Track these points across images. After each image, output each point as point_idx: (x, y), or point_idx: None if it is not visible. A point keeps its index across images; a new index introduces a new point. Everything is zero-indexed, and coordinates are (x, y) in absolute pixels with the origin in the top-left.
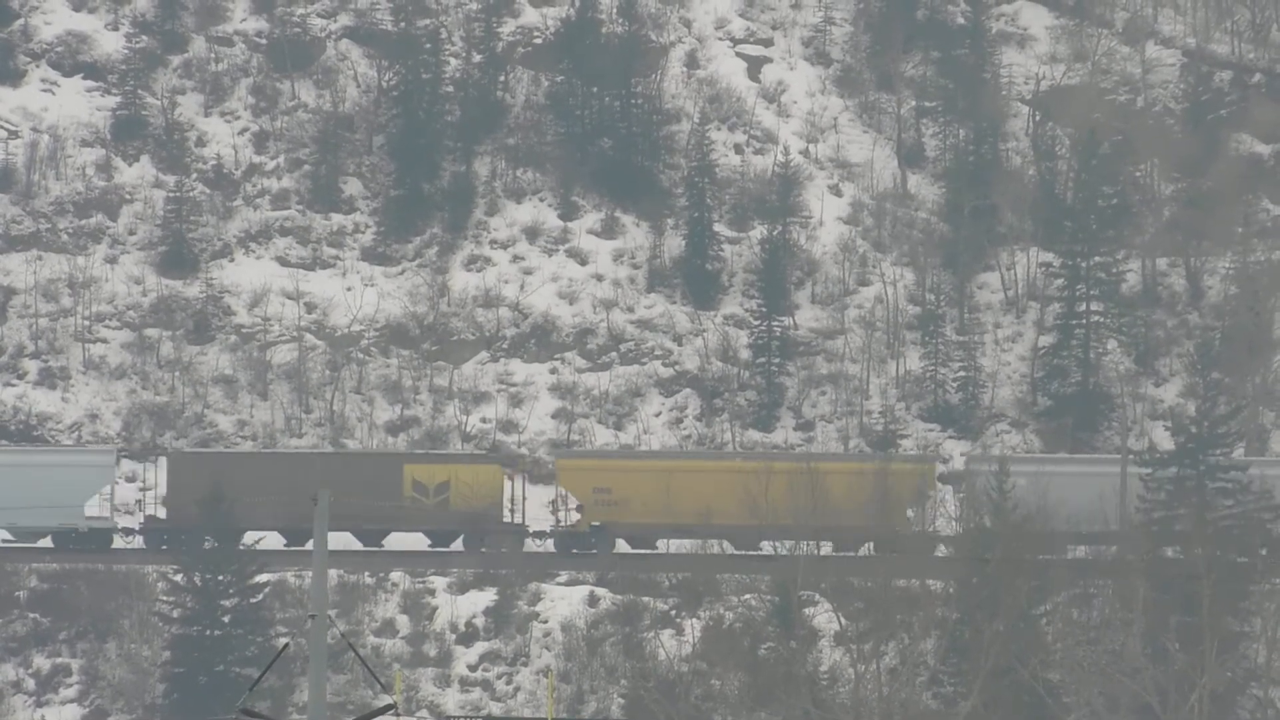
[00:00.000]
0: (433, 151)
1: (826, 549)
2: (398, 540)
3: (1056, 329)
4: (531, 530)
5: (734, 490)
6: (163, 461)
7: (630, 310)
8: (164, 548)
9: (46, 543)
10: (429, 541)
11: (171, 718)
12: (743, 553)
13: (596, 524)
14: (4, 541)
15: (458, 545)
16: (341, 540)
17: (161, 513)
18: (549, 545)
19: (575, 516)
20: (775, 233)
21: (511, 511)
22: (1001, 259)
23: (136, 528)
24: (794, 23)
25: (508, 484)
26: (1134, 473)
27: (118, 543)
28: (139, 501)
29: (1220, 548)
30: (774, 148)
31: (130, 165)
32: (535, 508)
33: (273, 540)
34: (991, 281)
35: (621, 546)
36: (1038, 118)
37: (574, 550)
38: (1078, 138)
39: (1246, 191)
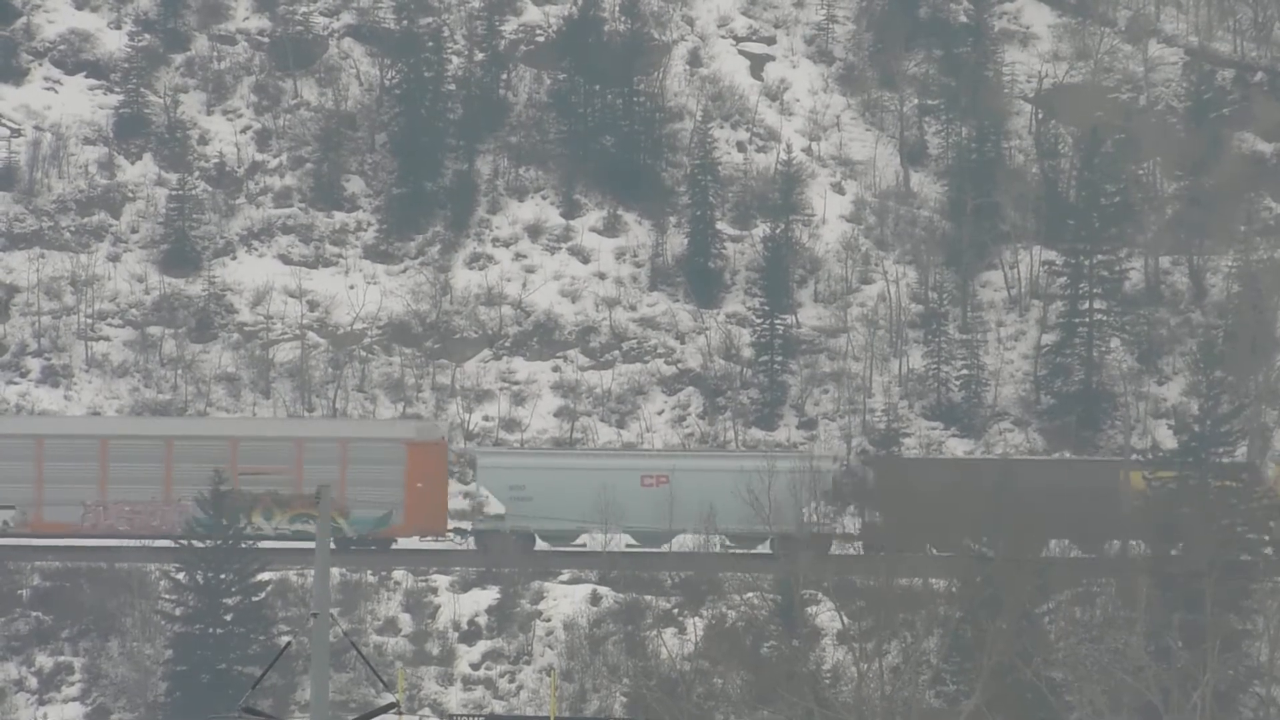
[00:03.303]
0: (435, 149)
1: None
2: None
3: (1059, 327)
4: None
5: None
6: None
7: (633, 308)
8: None
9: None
10: None
11: (174, 716)
12: (743, 551)
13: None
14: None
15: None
16: None
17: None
18: None
19: None
20: (778, 231)
21: None
22: (1004, 257)
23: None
24: (796, 21)
25: None
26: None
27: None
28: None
29: (1222, 546)
30: (777, 146)
31: (133, 163)
32: None
33: None
34: (994, 280)
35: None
36: (1040, 116)
37: None
38: (1080, 136)
39: (1249, 190)
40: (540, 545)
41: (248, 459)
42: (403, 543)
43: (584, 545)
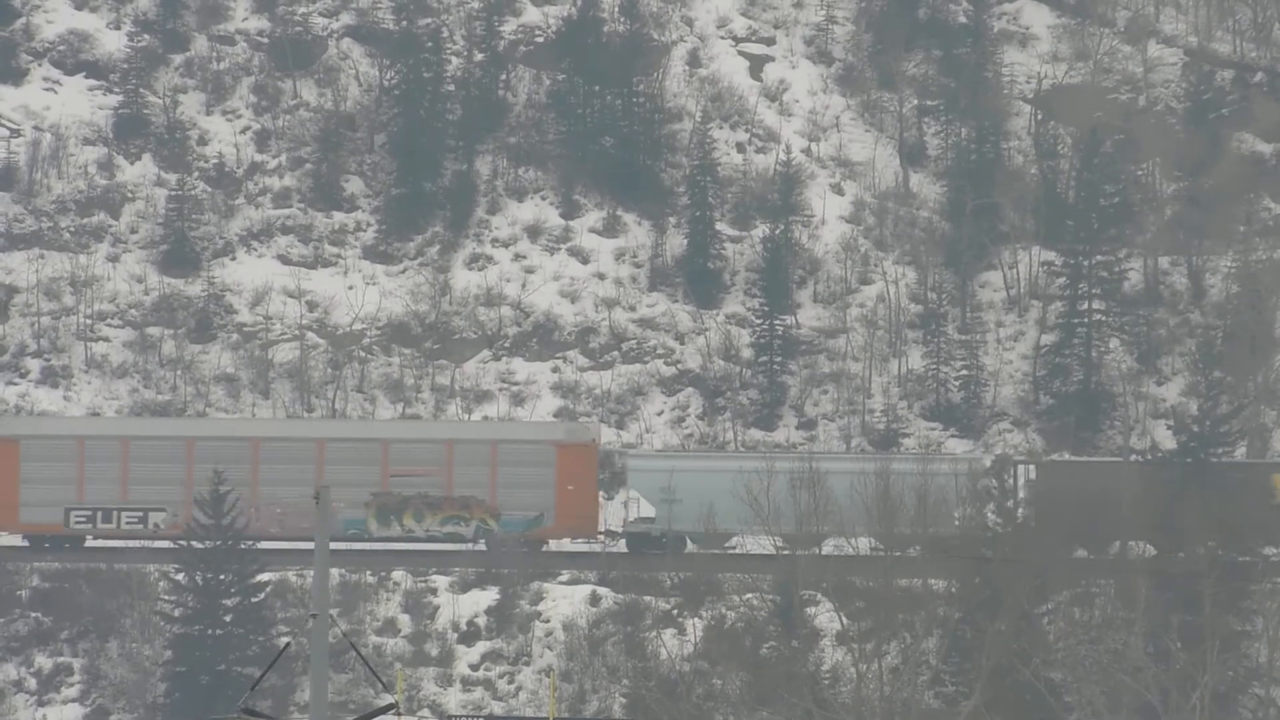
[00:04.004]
0: (434, 150)
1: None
2: None
3: (1058, 328)
4: None
5: None
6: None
7: (632, 309)
8: None
9: None
10: None
11: (173, 717)
12: (745, 552)
13: None
14: None
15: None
16: None
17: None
18: None
19: None
20: (777, 231)
21: None
22: (1003, 258)
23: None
24: (796, 21)
25: None
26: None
27: None
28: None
29: (1221, 546)
30: (776, 146)
31: (132, 164)
32: None
33: None
34: (993, 280)
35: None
36: (1039, 116)
37: None
38: (1079, 136)
39: (1248, 190)
40: (690, 548)
41: (399, 461)
42: (554, 545)
43: (735, 548)
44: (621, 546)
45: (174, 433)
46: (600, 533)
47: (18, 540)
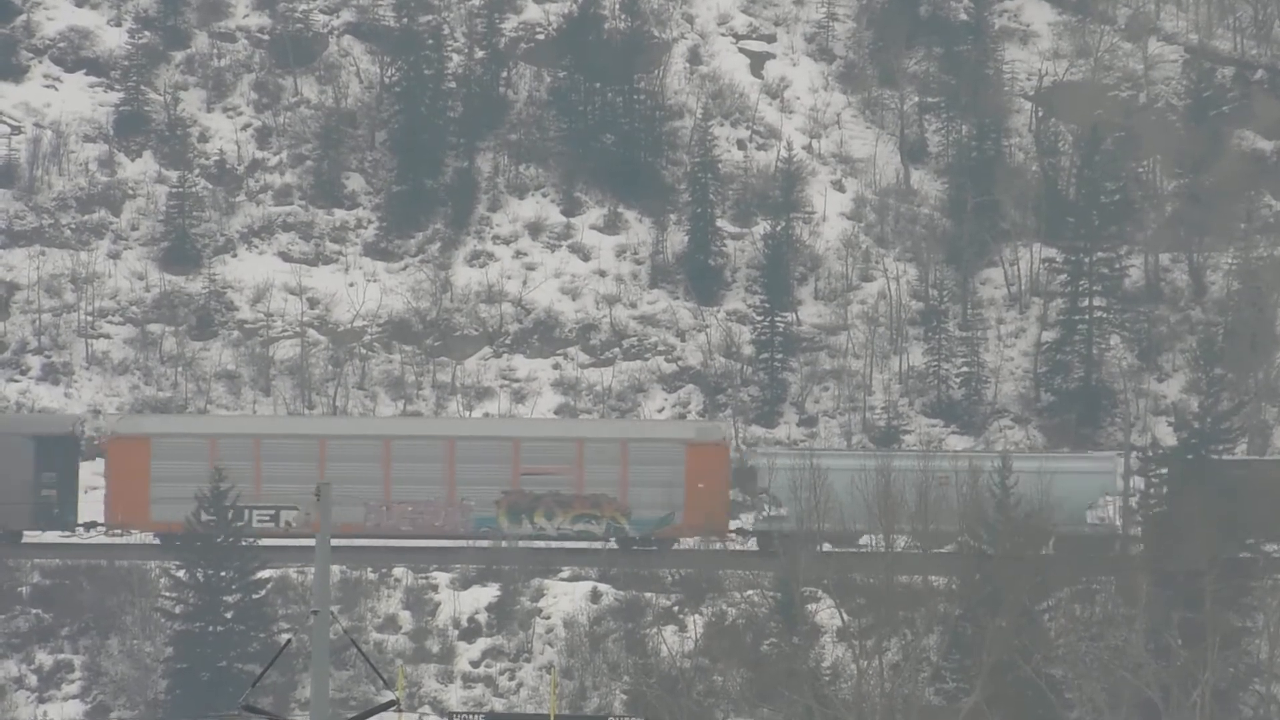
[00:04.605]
0: (435, 147)
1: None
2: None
3: (1059, 325)
4: None
5: None
6: None
7: (633, 306)
8: None
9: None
10: None
11: (174, 714)
12: (745, 549)
13: None
14: None
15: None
16: None
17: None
18: None
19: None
20: (778, 228)
21: None
22: (1004, 255)
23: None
24: (797, 19)
25: None
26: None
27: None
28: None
29: (1222, 544)
30: (777, 143)
31: (133, 161)
32: None
33: None
34: (994, 277)
35: None
36: (1040, 114)
37: None
38: (1080, 134)
39: (1249, 187)
40: (825, 546)
41: (530, 459)
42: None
43: (867, 546)
44: (753, 545)
45: (306, 431)
46: (731, 532)
47: (149, 538)
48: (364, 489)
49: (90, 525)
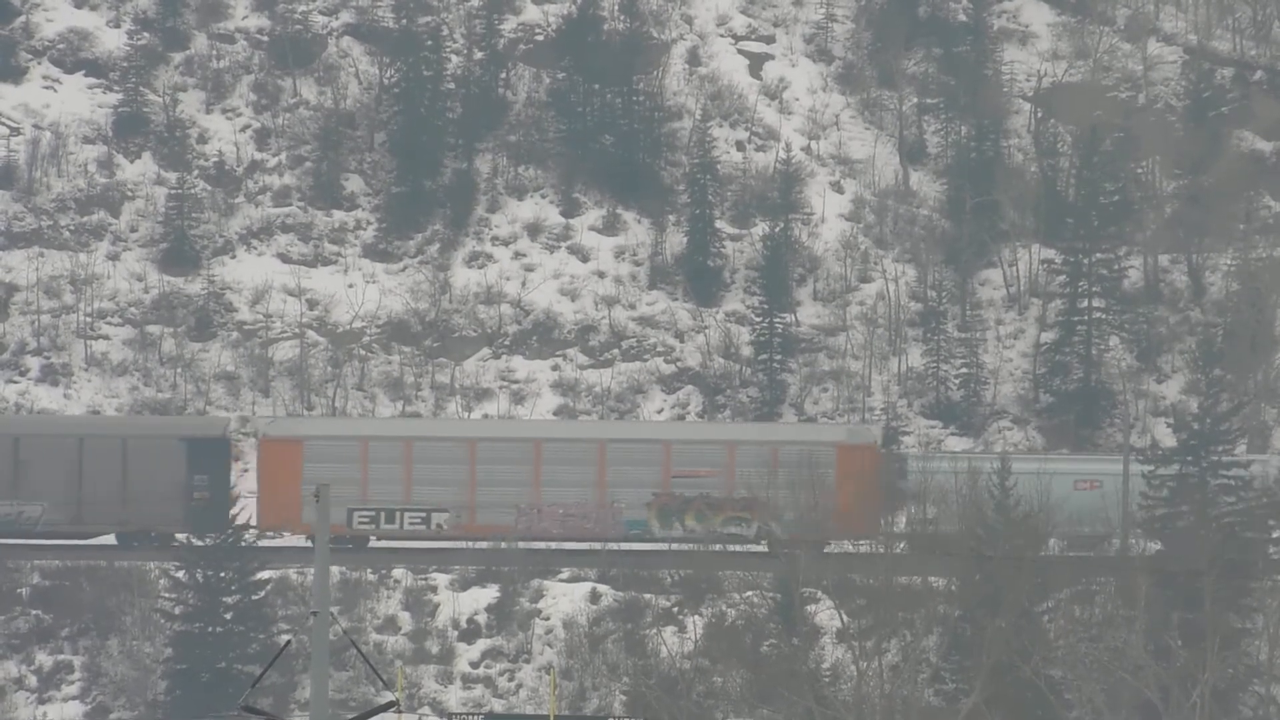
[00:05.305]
0: (434, 148)
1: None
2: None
3: (1058, 326)
4: None
5: None
6: None
7: (632, 307)
8: None
9: None
10: None
11: (173, 714)
12: (745, 548)
13: None
14: None
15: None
16: None
17: None
18: None
19: None
20: (777, 229)
21: None
22: (1003, 255)
23: None
24: (795, 19)
25: None
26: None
27: None
28: None
29: (1222, 544)
30: (776, 144)
31: (132, 162)
32: None
33: None
34: (993, 278)
35: None
36: (1039, 114)
37: None
38: (1079, 134)
39: (1248, 188)
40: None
41: (681, 462)
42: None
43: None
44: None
45: (456, 434)
46: (882, 534)
47: (300, 540)
48: (514, 492)
49: (243, 528)
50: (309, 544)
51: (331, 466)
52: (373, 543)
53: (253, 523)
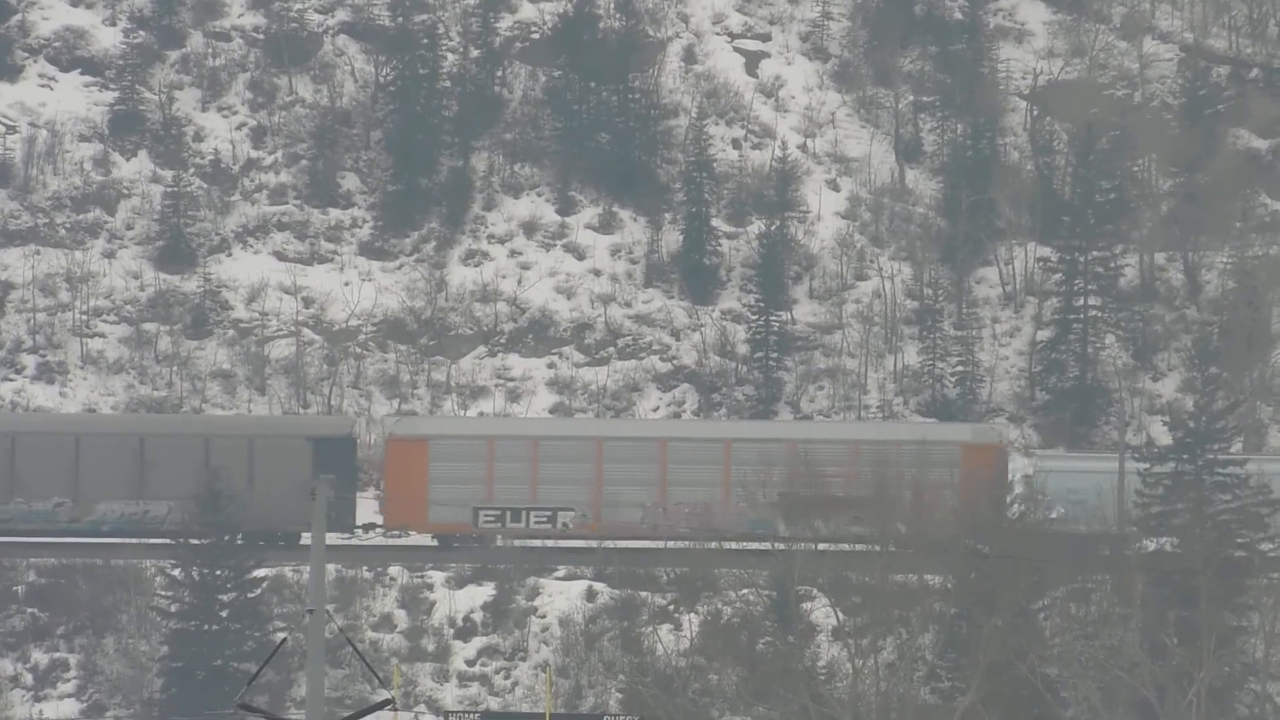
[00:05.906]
0: (430, 146)
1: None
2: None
3: (1054, 323)
4: None
5: None
6: None
7: (628, 305)
8: None
9: None
10: None
11: (169, 712)
12: (741, 547)
13: None
14: None
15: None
16: None
17: None
18: None
19: None
20: (773, 227)
21: None
22: (999, 254)
23: None
24: (792, 18)
25: None
26: (1132, 468)
27: None
28: None
29: (1218, 543)
30: (772, 143)
31: (128, 160)
32: None
33: None
34: (989, 276)
35: None
36: (1035, 113)
37: None
38: (1075, 133)
39: (1244, 186)
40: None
41: (805, 461)
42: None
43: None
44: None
45: (584, 433)
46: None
47: (426, 540)
48: (640, 491)
49: (369, 527)
50: (434, 544)
51: (457, 465)
52: (499, 543)
53: (379, 523)
